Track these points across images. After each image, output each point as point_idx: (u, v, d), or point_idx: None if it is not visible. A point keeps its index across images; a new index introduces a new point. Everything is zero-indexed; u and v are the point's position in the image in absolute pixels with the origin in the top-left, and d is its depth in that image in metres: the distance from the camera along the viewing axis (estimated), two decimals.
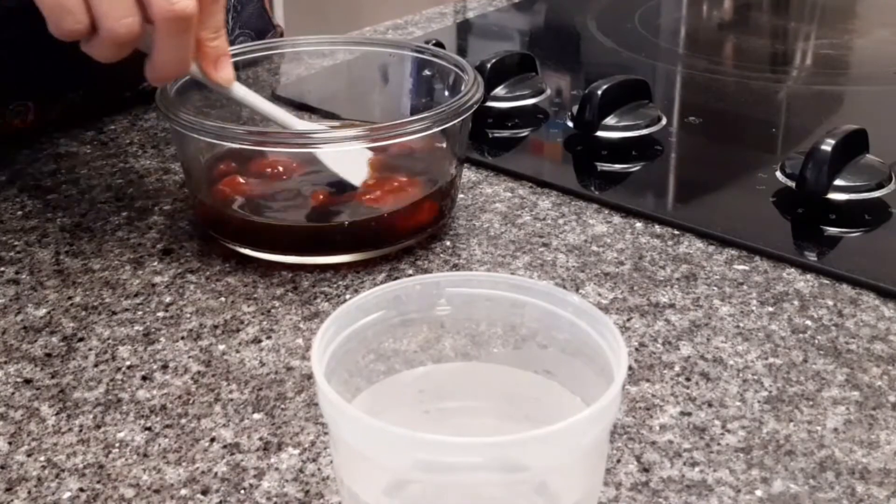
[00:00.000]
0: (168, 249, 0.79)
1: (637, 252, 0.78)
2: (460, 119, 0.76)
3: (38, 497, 0.55)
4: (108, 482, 0.56)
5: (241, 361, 0.66)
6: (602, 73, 0.97)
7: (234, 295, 0.73)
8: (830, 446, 0.59)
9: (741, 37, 1.36)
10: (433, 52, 0.86)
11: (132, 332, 0.70)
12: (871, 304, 0.72)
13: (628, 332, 0.69)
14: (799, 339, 0.68)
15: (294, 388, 0.64)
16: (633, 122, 0.94)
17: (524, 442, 0.42)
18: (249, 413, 0.62)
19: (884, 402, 0.62)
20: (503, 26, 1.36)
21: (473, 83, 0.79)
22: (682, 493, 0.55)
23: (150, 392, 0.64)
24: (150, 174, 0.91)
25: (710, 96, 1.12)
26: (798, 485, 0.56)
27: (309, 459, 0.58)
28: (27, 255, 0.79)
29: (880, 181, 0.82)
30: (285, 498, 0.55)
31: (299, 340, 0.68)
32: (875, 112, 1.06)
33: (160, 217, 0.84)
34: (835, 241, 0.80)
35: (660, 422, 0.61)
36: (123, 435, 0.60)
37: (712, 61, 1.23)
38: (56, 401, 0.63)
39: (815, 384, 0.64)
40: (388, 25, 1.33)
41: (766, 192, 0.85)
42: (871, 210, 0.81)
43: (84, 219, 0.84)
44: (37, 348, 0.68)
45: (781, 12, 1.47)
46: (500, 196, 0.87)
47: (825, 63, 1.25)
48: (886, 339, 0.68)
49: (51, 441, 0.60)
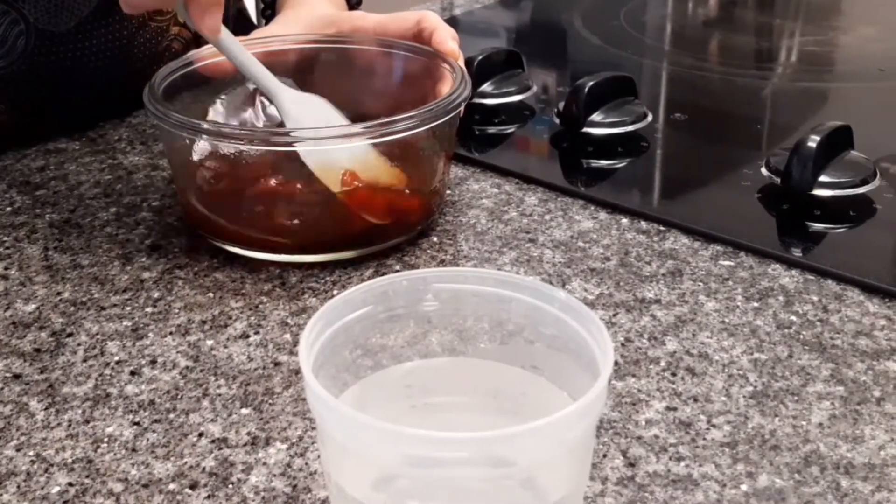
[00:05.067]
0: (156, 245, 0.79)
1: (623, 248, 0.78)
2: (449, 117, 0.76)
3: (27, 492, 0.56)
4: (96, 477, 0.57)
5: (229, 357, 0.67)
6: (588, 70, 0.97)
7: (222, 290, 0.74)
8: (815, 441, 0.59)
9: (726, 34, 1.37)
10: (420, 50, 0.87)
11: (121, 328, 0.70)
12: (855, 299, 0.72)
13: (614, 327, 0.69)
14: (784, 334, 0.68)
15: (282, 383, 0.64)
16: (619, 118, 0.94)
17: (511, 437, 0.42)
18: (237, 408, 0.62)
19: (868, 397, 0.62)
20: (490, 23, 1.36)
21: (461, 81, 0.79)
22: (667, 488, 0.55)
23: (138, 387, 0.64)
24: (138, 170, 0.91)
25: (696, 93, 1.13)
26: (783, 479, 0.56)
27: (296, 454, 0.58)
28: (16, 251, 0.79)
29: (865, 177, 0.82)
30: (273, 492, 0.55)
31: (287, 336, 0.69)
32: (859, 109, 1.07)
33: (149, 213, 0.84)
34: (820, 237, 0.80)
35: (646, 417, 0.61)
36: (112, 430, 0.60)
37: (698, 58, 1.23)
38: (45, 396, 0.63)
39: (800, 379, 0.64)
40: None
41: (752, 189, 0.85)
42: (856, 206, 0.82)
43: (73, 215, 0.84)
44: (26, 343, 0.68)
45: (766, 9, 1.47)
46: (486, 192, 0.87)
47: (810, 60, 1.25)
48: (871, 334, 0.68)
49: (40, 436, 0.60)
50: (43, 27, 0.91)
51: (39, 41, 0.91)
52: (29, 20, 0.90)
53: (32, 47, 0.91)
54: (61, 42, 0.92)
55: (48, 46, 0.92)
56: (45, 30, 0.91)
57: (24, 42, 0.90)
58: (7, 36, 0.89)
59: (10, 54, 0.90)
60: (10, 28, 0.89)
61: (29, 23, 0.90)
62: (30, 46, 0.91)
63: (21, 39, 0.90)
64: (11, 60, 0.90)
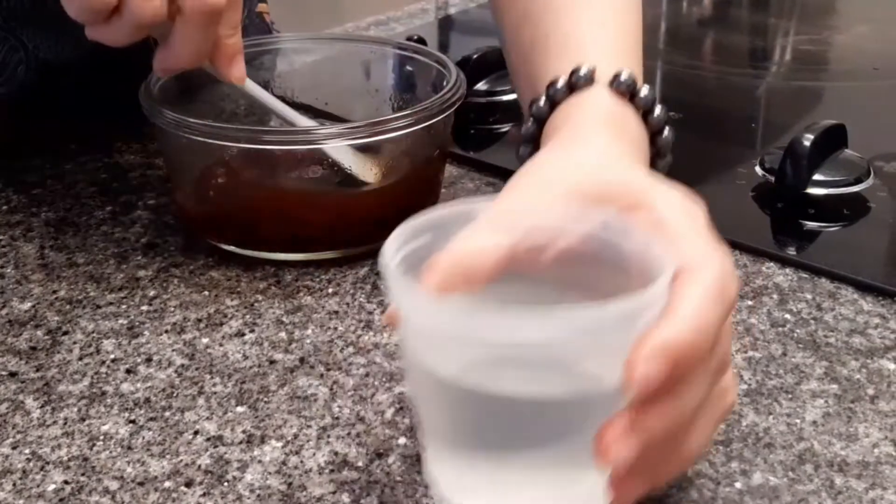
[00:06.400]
0: (152, 244, 0.79)
1: None
2: (443, 116, 0.76)
3: (22, 489, 0.56)
4: (92, 475, 0.57)
5: (225, 355, 0.67)
6: None
7: (217, 289, 0.74)
8: (809, 439, 0.59)
9: (721, 33, 1.37)
10: (415, 49, 0.87)
11: (116, 326, 0.70)
12: (849, 297, 0.72)
13: None
14: (778, 332, 0.69)
15: (277, 381, 0.64)
16: None
17: (587, 316, 0.45)
18: (233, 406, 0.62)
19: (862, 395, 0.63)
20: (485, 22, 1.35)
21: (456, 80, 0.79)
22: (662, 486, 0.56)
23: (134, 385, 0.64)
24: (134, 169, 0.91)
25: (691, 92, 1.13)
26: (777, 477, 0.56)
27: (292, 452, 0.58)
28: (12, 250, 0.79)
29: (859, 176, 0.82)
30: (268, 490, 0.56)
31: (282, 334, 0.69)
32: (854, 107, 1.07)
33: (144, 212, 0.84)
34: (814, 236, 0.80)
35: None
36: (108, 428, 0.60)
37: (692, 57, 1.24)
38: (41, 394, 0.63)
39: (794, 377, 0.64)
40: (370, 22, 1.33)
41: (746, 187, 0.85)
42: (850, 204, 0.82)
43: (69, 213, 0.84)
44: (21, 342, 0.68)
45: (761, 8, 1.47)
46: (481, 191, 0.87)
47: (804, 59, 1.25)
48: (865, 332, 0.68)
49: (35, 434, 0.60)
50: (44, 56, 0.90)
51: (40, 70, 0.91)
52: (28, 47, 0.90)
53: (33, 76, 0.91)
54: (63, 72, 0.92)
55: (50, 75, 0.91)
56: (46, 59, 0.91)
57: (24, 70, 0.90)
58: (7, 62, 0.89)
59: (9, 82, 0.90)
60: (9, 55, 0.89)
61: (28, 50, 0.90)
62: (30, 74, 0.90)
63: (21, 68, 0.90)
64: (11, 89, 0.90)
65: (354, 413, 0.61)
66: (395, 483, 0.56)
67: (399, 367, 0.65)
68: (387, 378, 0.64)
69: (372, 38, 0.90)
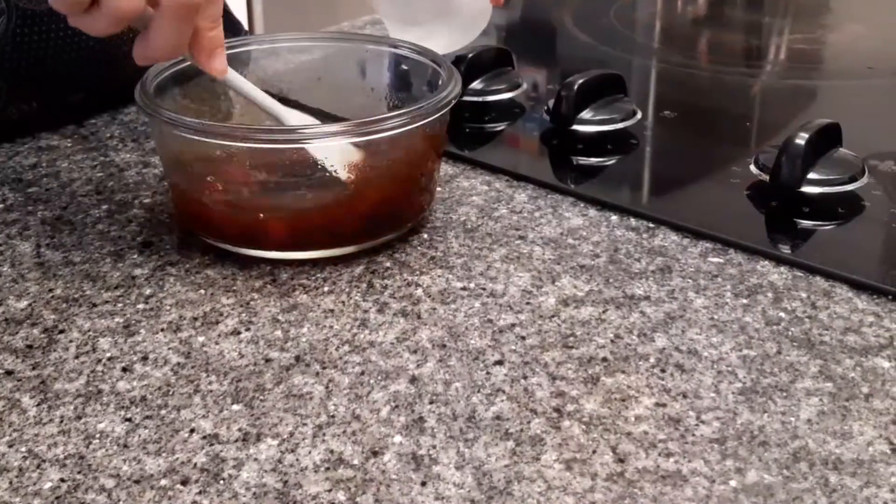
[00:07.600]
0: (148, 242, 0.79)
1: (612, 245, 0.79)
2: (439, 115, 0.76)
3: (19, 487, 0.56)
4: (88, 472, 0.57)
5: (221, 353, 0.67)
6: (578, 68, 0.97)
7: (213, 287, 0.74)
8: (804, 437, 0.59)
9: (715, 31, 1.37)
10: (410, 48, 0.87)
11: (112, 324, 0.70)
12: (844, 296, 0.72)
13: (604, 323, 0.69)
14: (773, 330, 0.69)
15: (273, 379, 0.64)
16: (608, 116, 0.94)
17: None
18: (228, 404, 0.62)
19: (857, 394, 0.63)
20: None
21: (452, 79, 0.79)
22: (657, 484, 0.56)
23: (130, 383, 0.64)
24: (130, 167, 0.91)
25: (685, 90, 1.13)
26: (772, 475, 0.57)
27: (287, 450, 0.58)
28: (8, 248, 0.79)
29: (853, 174, 0.83)
30: (264, 488, 0.56)
31: (278, 332, 0.69)
32: (848, 106, 1.07)
33: (140, 210, 0.84)
34: (808, 234, 0.80)
35: (635, 413, 0.61)
36: (104, 426, 0.60)
37: (687, 56, 1.24)
38: (37, 392, 0.63)
39: (789, 375, 0.64)
40: (365, 21, 1.34)
41: (741, 186, 0.85)
42: (845, 203, 0.82)
43: (65, 212, 0.84)
44: (18, 340, 0.68)
45: (755, 7, 1.47)
46: (476, 189, 0.87)
47: (799, 58, 1.25)
48: (859, 330, 0.69)
49: (32, 432, 0.60)
50: (24, 6, 0.91)
51: (21, 20, 0.91)
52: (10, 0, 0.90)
53: (14, 27, 0.91)
54: (44, 21, 0.92)
55: (31, 26, 0.92)
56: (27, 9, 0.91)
57: (6, 21, 0.90)
58: None
59: None
60: None
61: (10, 2, 0.90)
62: (11, 26, 0.90)
63: (2, 18, 0.90)
64: None
65: (350, 411, 0.61)
66: (390, 481, 0.56)
67: (394, 366, 0.65)
68: (382, 376, 0.64)
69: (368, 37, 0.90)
